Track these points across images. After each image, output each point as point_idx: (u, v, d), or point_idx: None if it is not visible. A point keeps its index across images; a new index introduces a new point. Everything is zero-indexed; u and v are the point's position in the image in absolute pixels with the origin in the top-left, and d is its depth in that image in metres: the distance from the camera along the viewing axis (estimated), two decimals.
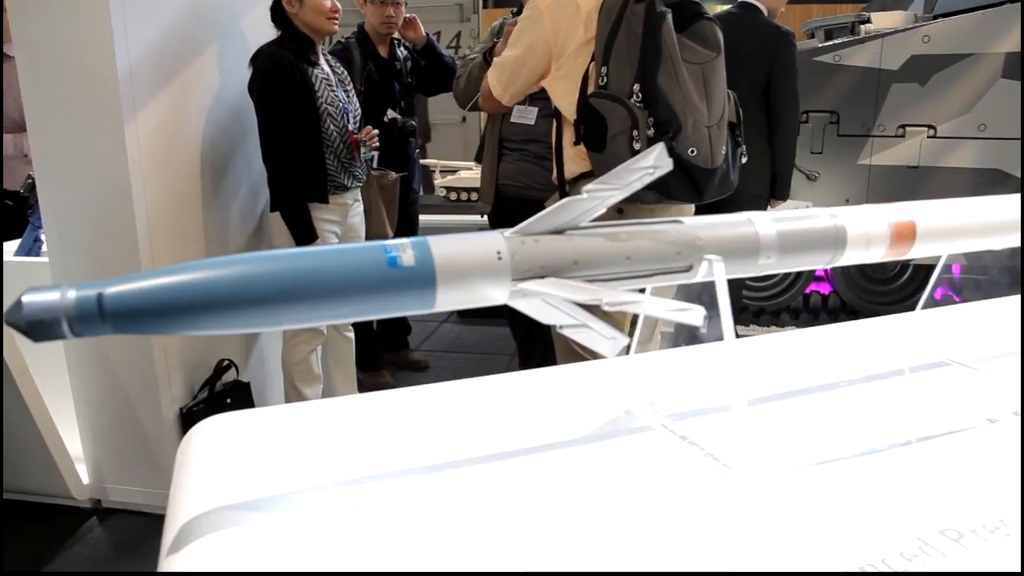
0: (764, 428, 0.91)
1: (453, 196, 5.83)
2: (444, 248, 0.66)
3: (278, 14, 2.72)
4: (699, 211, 2.05)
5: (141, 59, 2.35)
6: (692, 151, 1.93)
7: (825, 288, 4.71)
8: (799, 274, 4.50)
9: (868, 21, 4.36)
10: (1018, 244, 1.04)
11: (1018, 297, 1.43)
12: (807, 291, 4.64)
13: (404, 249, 0.66)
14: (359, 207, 3.02)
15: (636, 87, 1.91)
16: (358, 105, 2.99)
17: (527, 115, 2.87)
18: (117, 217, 2.36)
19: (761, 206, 3.51)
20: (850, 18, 4.63)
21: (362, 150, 2.90)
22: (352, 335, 3.22)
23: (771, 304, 4.57)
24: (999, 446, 0.88)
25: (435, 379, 1.07)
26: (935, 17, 4.27)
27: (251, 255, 0.65)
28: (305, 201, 2.72)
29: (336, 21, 2.78)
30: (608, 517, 0.72)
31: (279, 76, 2.63)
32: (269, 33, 2.83)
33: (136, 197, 2.35)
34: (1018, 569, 0.69)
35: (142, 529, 2.55)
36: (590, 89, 2.01)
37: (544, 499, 0.76)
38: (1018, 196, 1.09)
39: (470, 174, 5.83)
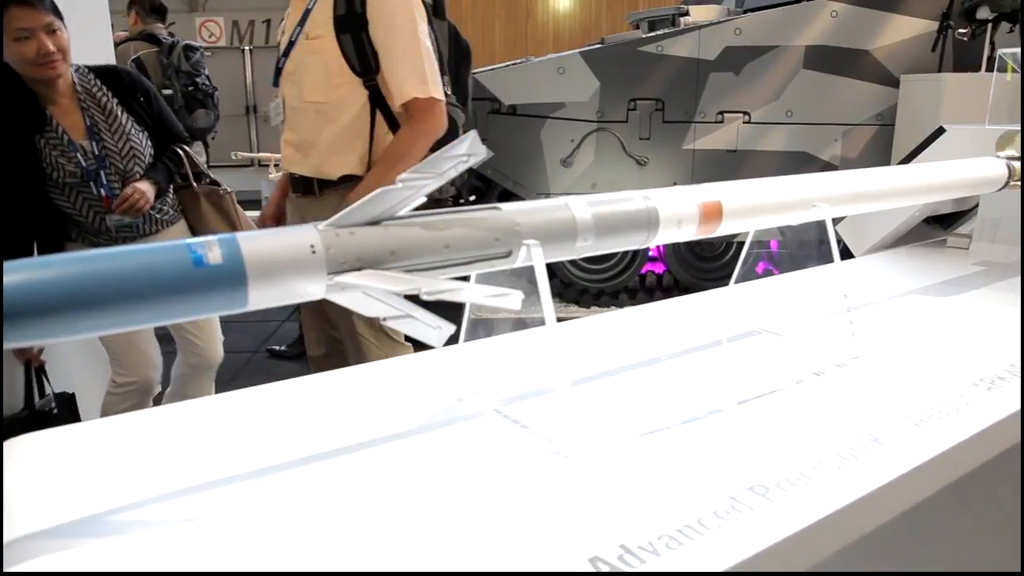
0: (591, 406, 0.94)
1: None
2: (254, 244, 0.63)
3: None
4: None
5: None
6: None
7: (659, 268, 4.96)
8: (634, 255, 4.71)
9: (687, 14, 4.62)
10: (812, 220, 1.13)
11: (818, 268, 1.56)
12: (643, 271, 4.87)
13: (210, 247, 0.62)
14: None
15: (448, 90, 2.10)
16: None
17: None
18: None
19: None
20: (671, 11, 4.89)
21: None
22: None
23: (609, 285, 4.76)
24: (802, 405, 0.97)
25: (276, 379, 1.03)
26: (745, 11, 4.59)
27: (36, 259, 0.59)
28: None
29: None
30: (452, 505, 0.72)
31: None
32: None
33: None
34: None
35: None
36: None
37: (385, 492, 0.74)
38: (814, 176, 1.19)
39: None
